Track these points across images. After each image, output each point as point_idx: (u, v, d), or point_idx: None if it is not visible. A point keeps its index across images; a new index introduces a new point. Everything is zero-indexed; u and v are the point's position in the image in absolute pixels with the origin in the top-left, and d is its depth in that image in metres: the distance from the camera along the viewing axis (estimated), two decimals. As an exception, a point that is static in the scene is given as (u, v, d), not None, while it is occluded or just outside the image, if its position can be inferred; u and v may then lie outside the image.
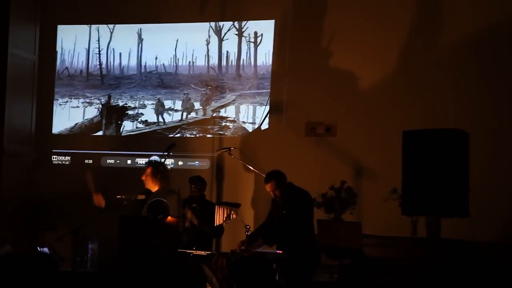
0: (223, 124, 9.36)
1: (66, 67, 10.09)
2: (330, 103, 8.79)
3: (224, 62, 9.50)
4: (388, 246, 7.02)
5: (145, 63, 9.80)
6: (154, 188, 7.54)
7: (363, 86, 8.75)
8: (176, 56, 9.65)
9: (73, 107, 9.98)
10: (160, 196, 7.31)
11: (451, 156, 6.31)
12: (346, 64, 8.82)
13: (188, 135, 9.45)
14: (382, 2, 8.72)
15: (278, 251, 6.99)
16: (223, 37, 9.50)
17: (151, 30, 9.76)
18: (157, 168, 7.61)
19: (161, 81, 9.71)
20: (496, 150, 8.03)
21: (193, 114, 9.51)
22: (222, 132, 9.33)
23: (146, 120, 9.69)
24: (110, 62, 9.94)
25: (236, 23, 9.46)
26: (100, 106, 9.87)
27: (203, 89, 9.52)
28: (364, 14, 8.76)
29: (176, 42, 9.61)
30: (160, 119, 9.62)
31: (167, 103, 9.64)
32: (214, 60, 9.53)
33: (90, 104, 9.92)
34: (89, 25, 9.99)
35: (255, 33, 9.38)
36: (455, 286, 6.46)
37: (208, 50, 9.54)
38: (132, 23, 9.82)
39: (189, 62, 9.62)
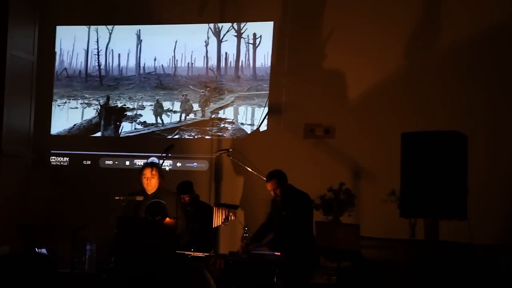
0: (222, 125, 9.36)
1: (65, 68, 10.08)
2: (329, 105, 8.80)
3: (223, 64, 9.49)
4: (386, 248, 7.01)
5: (144, 64, 9.79)
6: (154, 188, 7.53)
7: (362, 88, 8.75)
8: (175, 58, 9.65)
9: (72, 108, 9.97)
10: (160, 196, 7.31)
11: (449, 158, 6.32)
12: (345, 66, 8.82)
13: (187, 137, 9.45)
14: (381, 4, 8.72)
15: (276, 253, 6.98)
16: (222, 38, 9.50)
17: (150, 31, 9.75)
18: (162, 170, 7.66)
19: (160, 82, 9.71)
20: (495, 152, 8.04)
21: (191, 116, 9.51)
22: (220, 134, 9.32)
23: (145, 121, 9.68)
24: (109, 63, 9.93)
25: (235, 25, 9.46)
26: (99, 107, 9.86)
27: (201, 90, 9.52)
28: (363, 16, 8.76)
29: (175, 43, 9.61)
30: (159, 120, 9.62)
31: (166, 104, 9.64)
32: (213, 62, 9.52)
33: (89, 105, 9.92)
34: (88, 26, 9.98)
35: (254, 34, 9.38)
36: (453, 288, 6.46)
37: (207, 51, 9.54)
38: (131, 24, 9.81)
39: (188, 63, 9.62)
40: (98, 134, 9.85)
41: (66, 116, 9.97)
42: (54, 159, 9.82)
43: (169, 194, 7.39)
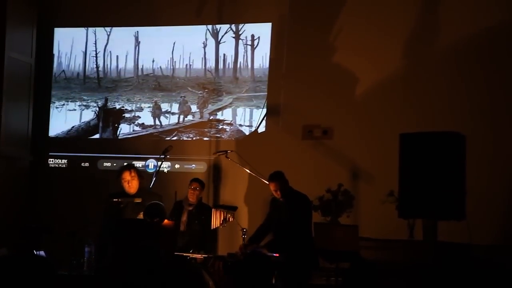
0: (220, 127, 9.35)
1: (63, 70, 10.07)
2: (327, 106, 8.79)
3: (221, 65, 9.49)
4: (385, 249, 7.01)
5: (142, 66, 9.79)
6: (136, 189, 7.57)
7: (360, 89, 8.75)
8: (173, 59, 9.65)
9: (70, 110, 9.97)
10: (144, 197, 7.35)
11: (448, 159, 6.33)
12: (343, 67, 8.82)
13: (185, 138, 9.44)
14: (380, 5, 8.72)
15: (274, 254, 6.98)
16: (220, 40, 9.49)
17: (148, 33, 9.75)
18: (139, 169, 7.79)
19: (158, 84, 9.70)
20: (493, 153, 8.03)
21: (190, 117, 9.50)
22: (219, 135, 9.32)
23: (143, 123, 9.67)
24: (107, 65, 9.93)
25: (233, 26, 9.45)
26: (97, 109, 9.86)
27: (200, 92, 9.52)
28: (362, 16, 8.76)
29: (173, 45, 9.61)
30: (157, 122, 9.62)
31: (164, 106, 9.63)
32: (211, 63, 9.52)
33: (87, 107, 9.91)
34: (86, 28, 9.98)
35: (252, 36, 9.38)
36: (452, 289, 6.46)
37: (205, 53, 9.53)
38: (129, 26, 9.81)
39: (186, 65, 9.61)
40: (97, 136, 9.84)
41: (64, 118, 9.96)
42: (52, 161, 9.81)
43: (154, 196, 7.42)
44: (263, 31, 9.30)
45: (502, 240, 7.64)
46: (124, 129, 9.74)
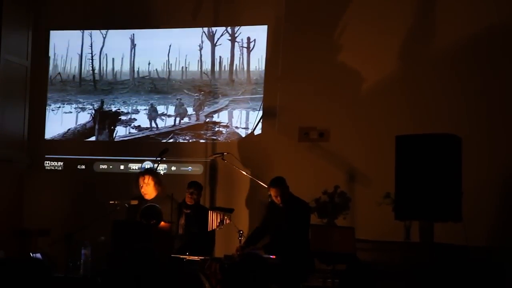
0: (216, 129, 9.36)
1: (59, 73, 10.06)
2: (323, 108, 8.80)
3: (217, 68, 9.49)
4: (381, 250, 7.01)
5: (138, 68, 9.79)
6: (151, 195, 7.52)
7: (356, 91, 8.75)
8: (169, 62, 9.64)
9: (66, 113, 9.95)
10: (158, 202, 7.31)
11: (444, 161, 6.34)
12: (339, 69, 8.83)
13: (181, 140, 9.44)
14: (376, 7, 8.73)
15: (271, 256, 6.97)
16: (216, 42, 9.50)
17: (144, 36, 9.75)
18: (158, 176, 7.65)
19: (154, 87, 9.70)
20: (489, 154, 8.05)
21: (186, 119, 9.50)
22: (215, 137, 9.32)
23: (139, 126, 9.67)
24: (102, 67, 9.92)
25: (229, 29, 9.46)
26: (93, 111, 9.85)
27: (196, 94, 9.52)
28: (358, 18, 8.77)
29: (169, 47, 9.61)
30: (153, 124, 9.61)
31: (160, 109, 9.63)
32: (207, 66, 9.52)
33: (83, 109, 9.90)
34: (81, 31, 9.97)
35: (248, 38, 9.39)
36: (448, 290, 6.46)
37: (201, 55, 9.53)
38: (125, 28, 9.80)
39: (182, 67, 9.61)
40: (93, 138, 9.83)
41: (60, 120, 9.95)
42: (48, 163, 9.80)
43: (165, 199, 7.40)
44: (259, 33, 9.31)
45: (498, 241, 7.65)
46: (120, 132, 9.73)
